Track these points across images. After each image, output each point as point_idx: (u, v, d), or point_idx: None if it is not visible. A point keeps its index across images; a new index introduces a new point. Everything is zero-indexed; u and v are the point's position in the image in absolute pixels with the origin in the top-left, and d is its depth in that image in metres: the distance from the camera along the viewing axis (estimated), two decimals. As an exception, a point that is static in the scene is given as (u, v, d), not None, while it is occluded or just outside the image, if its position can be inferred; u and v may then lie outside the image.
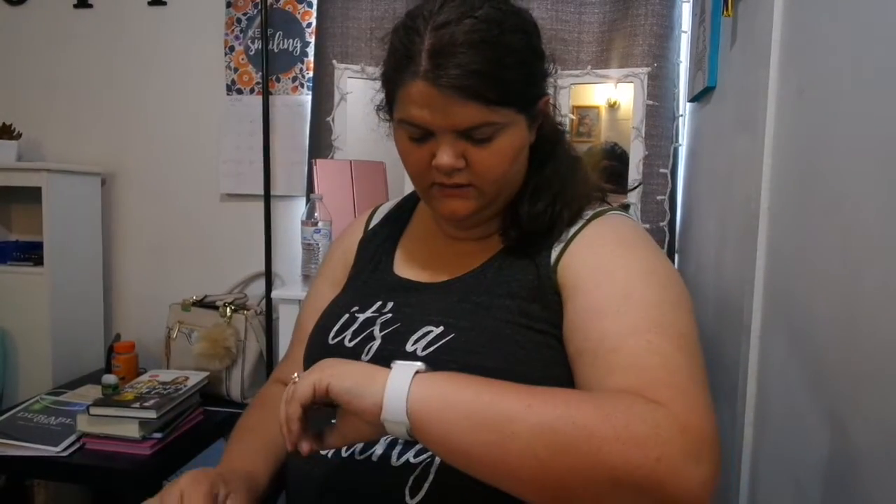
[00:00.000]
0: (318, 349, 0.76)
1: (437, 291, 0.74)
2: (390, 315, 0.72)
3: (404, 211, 0.90)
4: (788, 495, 0.86)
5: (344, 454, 0.67)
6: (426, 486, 0.62)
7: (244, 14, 1.98)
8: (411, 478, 0.63)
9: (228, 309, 1.77)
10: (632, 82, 1.74)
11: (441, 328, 0.68)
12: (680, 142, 1.77)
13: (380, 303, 0.75)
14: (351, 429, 0.58)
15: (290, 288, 1.73)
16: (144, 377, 1.53)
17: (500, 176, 0.71)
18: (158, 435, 1.33)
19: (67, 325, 1.92)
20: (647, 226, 1.75)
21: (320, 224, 1.48)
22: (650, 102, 1.73)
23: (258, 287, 2.01)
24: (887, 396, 0.62)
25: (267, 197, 1.96)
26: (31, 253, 1.93)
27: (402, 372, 0.55)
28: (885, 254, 0.63)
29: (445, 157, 0.67)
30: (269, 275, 1.97)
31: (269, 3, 1.92)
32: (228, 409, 1.63)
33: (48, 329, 1.86)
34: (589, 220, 0.73)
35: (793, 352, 0.87)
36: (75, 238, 1.97)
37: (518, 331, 0.66)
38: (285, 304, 1.53)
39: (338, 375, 0.56)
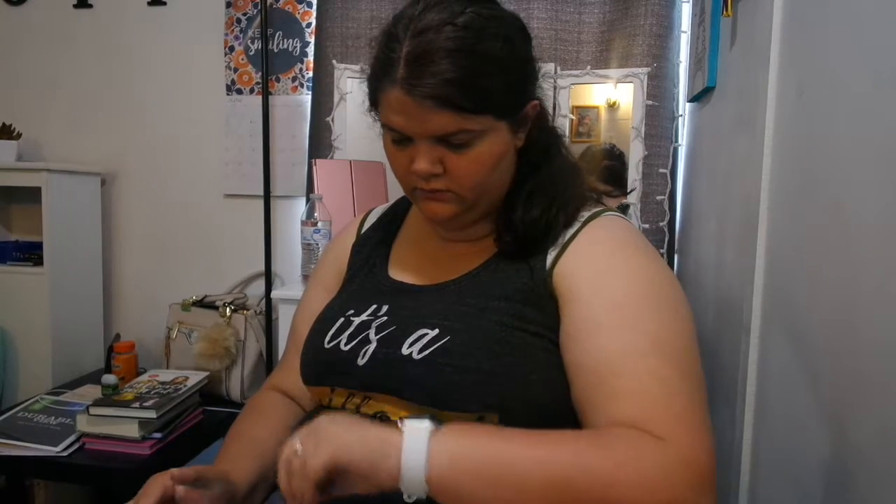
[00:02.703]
0: (313, 353, 0.76)
1: (432, 294, 0.74)
2: (385, 318, 0.72)
3: (398, 214, 0.89)
4: (788, 495, 0.86)
5: None
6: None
7: (244, 14, 1.98)
8: None
9: (228, 309, 1.77)
10: (631, 82, 1.74)
11: (436, 331, 0.67)
12: (679, 142, 1.77)
13: (375, 306, 0.74)
14: (360, 485, 0.58)
15: (290, 288, 1.73)
16: (144, 377, 1.53)
17: (478, 182, 0.70)
18: (158, 435, 1.33)
19: (67, 325, 1.92)
20: (647, 226, 1.75)
21: (320, 224, 1.48)
22: (650, 102, 1.73)
23: (258, 287, 2.01)
24: (887, 396, 0.62)
25: (267, 197, 1.96)
26: (31, 253, 1.93)
27: (416, 439, 0.55)
28: (885, 254, 0.63)
29: (421, 163, 0.67)
30: (268, 275, 1.97)
31: (268, 3, 1.92)
32: (228, 409, 1.63)
33: (48, 329, 1.86)
34: (585, 223, 0.73)
35: (793, 352, 0.87)
36: (75, 238, 1.96)
37: (512, 333, 0.66)
38: (285, 304, 1.53)
39: (346, 447, 0.56)
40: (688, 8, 1.73)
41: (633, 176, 1.75)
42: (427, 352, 0.66)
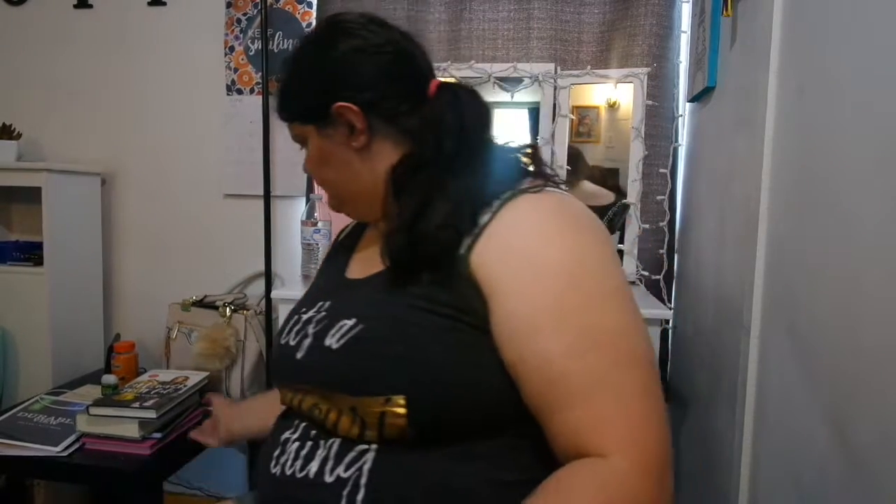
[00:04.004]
0: (274, 350, 0.81)
1: (363, 286, 0.76)
2: (324, 313, 0.74)
3: None
4: (788, 495, 0.86)
5: (287, 472, 0.69)
6: (359, 499, 0.64)
7: (244, 14, 1.98)
8: (344, 492, 0.64)
9: (228, 309, 1.77)
10: (631, 82, 1.74)
11: (353, 320, 0.69)
12: (679, 142, 1.77)
13: (321, 302, 0.77)
14: None
15: (289, 288, 1.73)
16: (144, 377, 1.53)
17: (319, 179, 0.82)
18: (158, 435, 1.33)
19: (67, 324, 1.92)
20: (647, 226, 1.75)
21: (320, 224, 1.49)
22: (650, 102, 1.73)
23: (258, 287, 2.01)
24: (887, 396, 0.62)
25: (267, 197, 1.96)
26: (31, 253, 1.93)
27: None
28: (885, 253, 0.63)
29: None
30: (268, 275, 1.97)
31: (268, 4, 1.92)
32: (228, 409, 1.63)
33: (48, 329, 1.86)
34: (502, 205, 0.68)
35: (793, 352, 0.87)
36: (75, 238, 1.96)
37: (423, 316, 0.66)
38: (285, 303, 1.53)
39: None
40: (688, 8, 1.73)
41: (633, 176, 1.75)
42: (343, 341, 0.68)
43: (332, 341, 0.68)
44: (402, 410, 0.63)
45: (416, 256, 0.67)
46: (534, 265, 0.64)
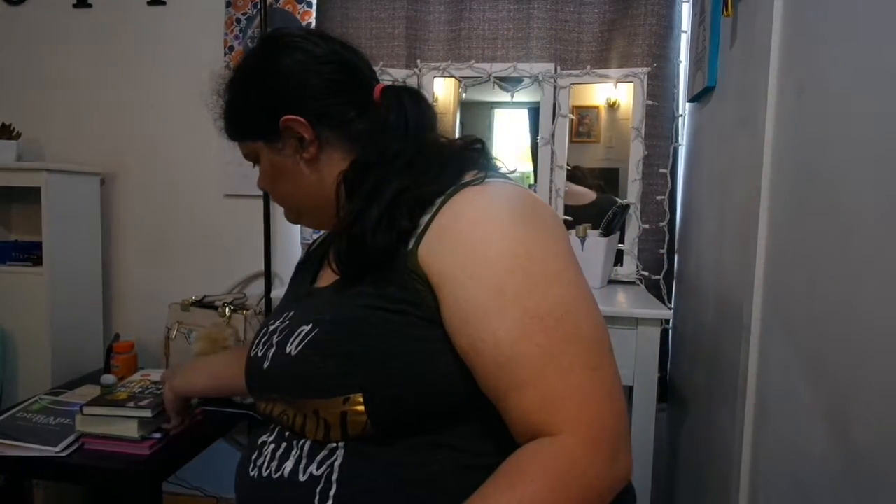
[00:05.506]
0: (246, 363, 0.80)
1: (323, 292, 0.77)
2: (287, 322, 0.75)
3: None
4: (788, 495, 0.86)
5: (264, 473, 0.70)
6: (332, 494, 0.65)
7: (244, 14, 1.98)
8: (317, 489, 0.65)
9: (227, 309, 1.77)
10: (631, 82, 1.74)
11: (310, 325, 0.70)
12: (680, 142, 1.77)
13: (286, 313, 0.77)
14: None
15: (289, 288, 1.72)
16: (136, 377, 1.52)
17: (271, 193, 0.84)
18: (157, 435, 1.33)
19: (67, 325, 1.92)
20: (647, 226, 1.75)
21: (320, 224, 1.48)
22: (650, 102, 1.73)
23: (258, 287, 2.01)
24: (887, 396, 0.62)
25: (267, 197, 1.95)
26: (31, 253, 1.93)
27: None
28: (885, 253, 0.63)
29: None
30: (268, 275, 1.97)
31: (268, 3, 1.92)
32: (228, 409, 1.63)
33: (47, 329, 1.86)
34: (444, 201, 0.69)
35: (793, 352, 0.87)
36: (74, 238, 1.96)
37: (375, 313, 0.67)
38: (285, 304, 1.53)
39: None
40: (688, 8, 1.73)
41: (633, 176, 1.75)
42: (300, 346, 0.69)
43: (291, 348, 0.69)
44: (361, 408, 0.64)
45: (355, 260, 0.69)
46: (476, 253, 0.64)
